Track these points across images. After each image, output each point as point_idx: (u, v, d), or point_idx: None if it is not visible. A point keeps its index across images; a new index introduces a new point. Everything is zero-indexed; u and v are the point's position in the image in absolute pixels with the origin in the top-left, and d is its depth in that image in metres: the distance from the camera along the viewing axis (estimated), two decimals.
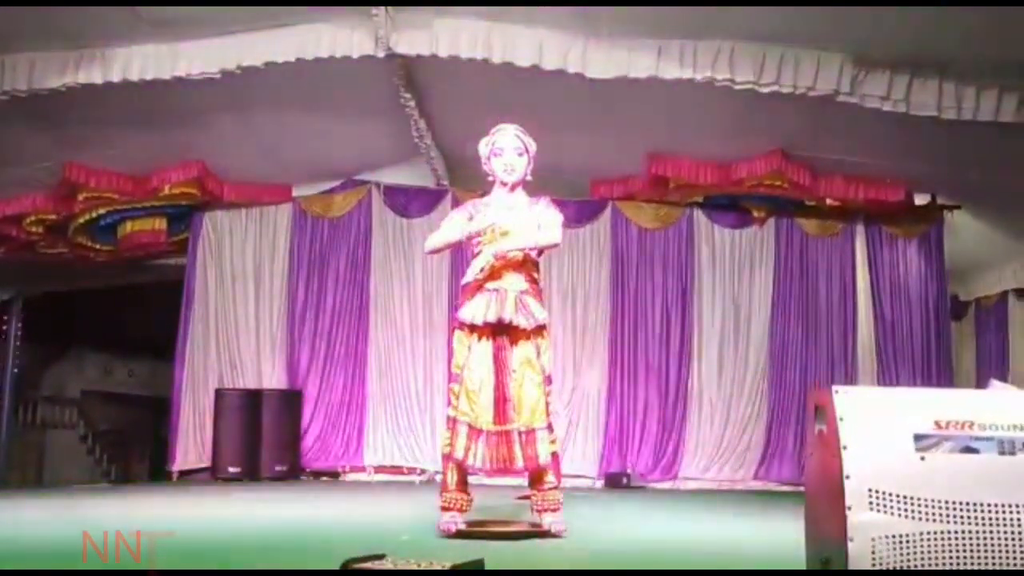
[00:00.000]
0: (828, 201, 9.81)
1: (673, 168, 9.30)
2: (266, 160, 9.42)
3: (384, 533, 4.65)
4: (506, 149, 4.45)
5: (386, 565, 2.19)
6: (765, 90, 7.23)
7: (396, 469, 9.76)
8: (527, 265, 4.38)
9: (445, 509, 4.27)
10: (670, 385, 9.98)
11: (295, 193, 10.20)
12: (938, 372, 9.96)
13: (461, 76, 7.47)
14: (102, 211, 9.61)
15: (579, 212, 10.09)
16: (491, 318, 4.22)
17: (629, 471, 9.52)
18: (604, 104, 7.77)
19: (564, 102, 7.76)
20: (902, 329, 10.21)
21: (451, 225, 4.53)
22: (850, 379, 9.80)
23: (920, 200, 9.95)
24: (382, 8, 6.75)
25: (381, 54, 7.05)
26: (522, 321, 4.24)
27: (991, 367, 10.57)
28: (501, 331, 4.26)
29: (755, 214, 10.19)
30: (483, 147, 4.54)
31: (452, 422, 4.24)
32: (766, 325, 10.11)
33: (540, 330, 4.34)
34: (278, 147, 9.09)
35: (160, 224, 10.07)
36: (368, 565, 2.17)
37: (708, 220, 10.29)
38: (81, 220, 9.74)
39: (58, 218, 9.61)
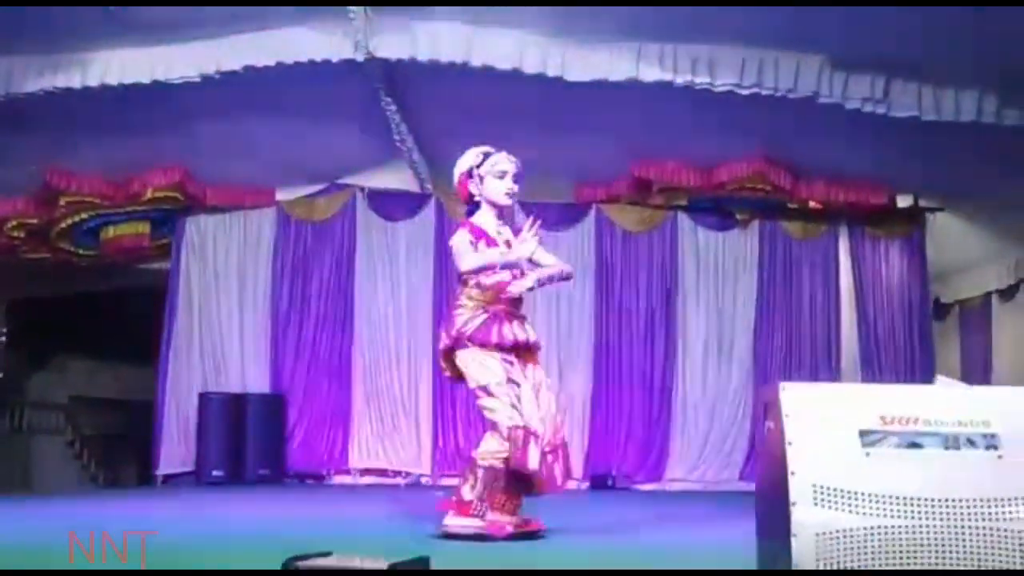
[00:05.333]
0: (811, 204, 9.87)
1: (656, 171, 9.33)
2: (249, 164, 9.40)
3: (359, 534, 4.64)
4: (509, 173, 4.39)
5: (330, 562, 2.18)
6: (745, 92, 7.27)
7: (381, 471, 9.75)
8: None
9: (497, 511, 4.13)
10: (655, 387, 9.99)
11: (278, 197, 10.18)
12: (921, 373, 9.98)
13: (442, 79, 7.47)
14: (84, 215, 9.60)
15: (563, 215, 10.09)
16: (521, 338, 4.23)
17: (614, 473, 9.52)
18: (586, 107, 7.78)
19: (546, 105, 7.77)
20: (885, 331, 10.26)
21: (471, 248, 4.32)
22: (833, 380, 9.79)
23: (903, 202, 10.00)
24: (361, 11, 6.76)
25: (360, 58, 7.05)
26: (536, 338, 4.33)
27: (975, 369, 10.59)
28: (519, 353, 4.26)
29: (738, 217, 10.21)
30: (466, 166, 4.42)
31: (524, 432, 4.08)
32: (750, 327, 10.13)
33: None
34: (260, 151, 9.08)
35: (143, 228, 10.06)
36: (312, 563, 2.17)
37: (692, 223, 10.31)
38: (63, 225, 9.72)
39: (40, 223, 9.59)
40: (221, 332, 10.06)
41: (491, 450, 4.14)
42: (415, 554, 2.42)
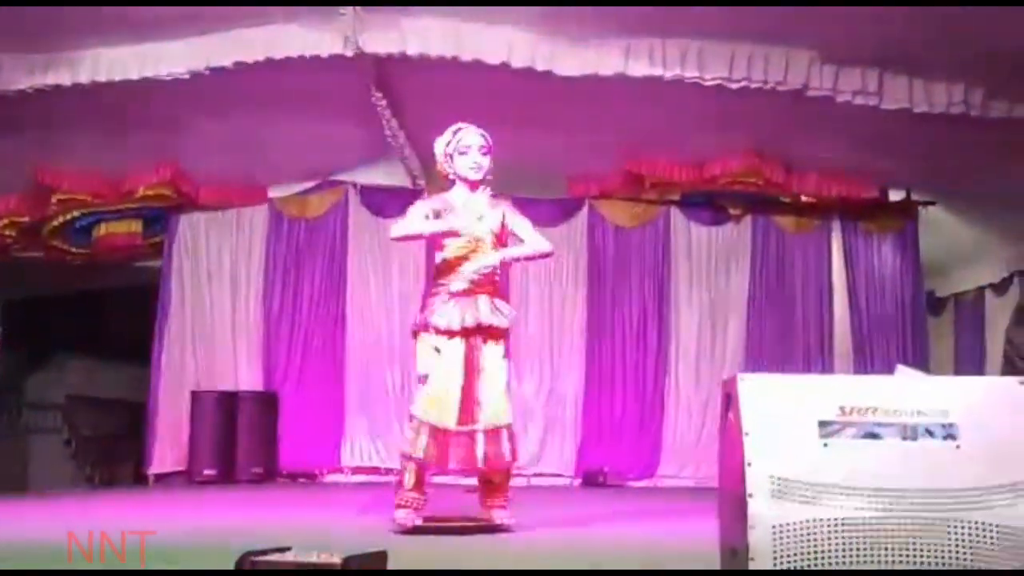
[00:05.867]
0: (803, 198, 9.85)
1: (648, 166, 9.32)
2: (240, 161, 9.38)
3: (335, 530, 4.64)
4: (473, 147, 4.46)
5: (284, 558, 2.18)
6: (735, 86, 7.27)
7: (374, 470, 9.74)
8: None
9: (401, 507, 4.30)
10: (647, 383, 9.96)
11: (271, 194, 10.16)
12: (915, 368, 9.94)
13: (433, 74, 7.46)
14: (76, 213, 9.58)
15: (555, 211, 10.06)
16: (469, 323, 4.24)
17: (606, 470, 9.50)
18: (578, 102, 7.77)
19: (538, 100, 7.77)
20: (879, 325, 10.22)
21: (417, 218, 4.48)
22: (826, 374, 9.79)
23: (895, 196, 9.98)
24: (350, 7, 6.77)
25: (350, 53, 7.05)
26: (496, 320, 4.29)
27: (969, 363, 10.56)
28: (474, 332, 4.27)
29: (731, 211, 10.19)
30: (442, 146, 4.56)
31: (416, 423, 4.28)
32: (743, 322, 10.10)
33: (507, 331, 4.43)
34: (252, 148, 9.06)
35: (136, 227, 10.05)
36: (265, 559, 2.16)
37: (684, 218, 10.28)
38: (55, 223, 9.71)
39: (31, 221, 9.57)
40: (214, 330, 10.03)
41: (406, 438, 4.37)
42: (376, 549, 2.41)
